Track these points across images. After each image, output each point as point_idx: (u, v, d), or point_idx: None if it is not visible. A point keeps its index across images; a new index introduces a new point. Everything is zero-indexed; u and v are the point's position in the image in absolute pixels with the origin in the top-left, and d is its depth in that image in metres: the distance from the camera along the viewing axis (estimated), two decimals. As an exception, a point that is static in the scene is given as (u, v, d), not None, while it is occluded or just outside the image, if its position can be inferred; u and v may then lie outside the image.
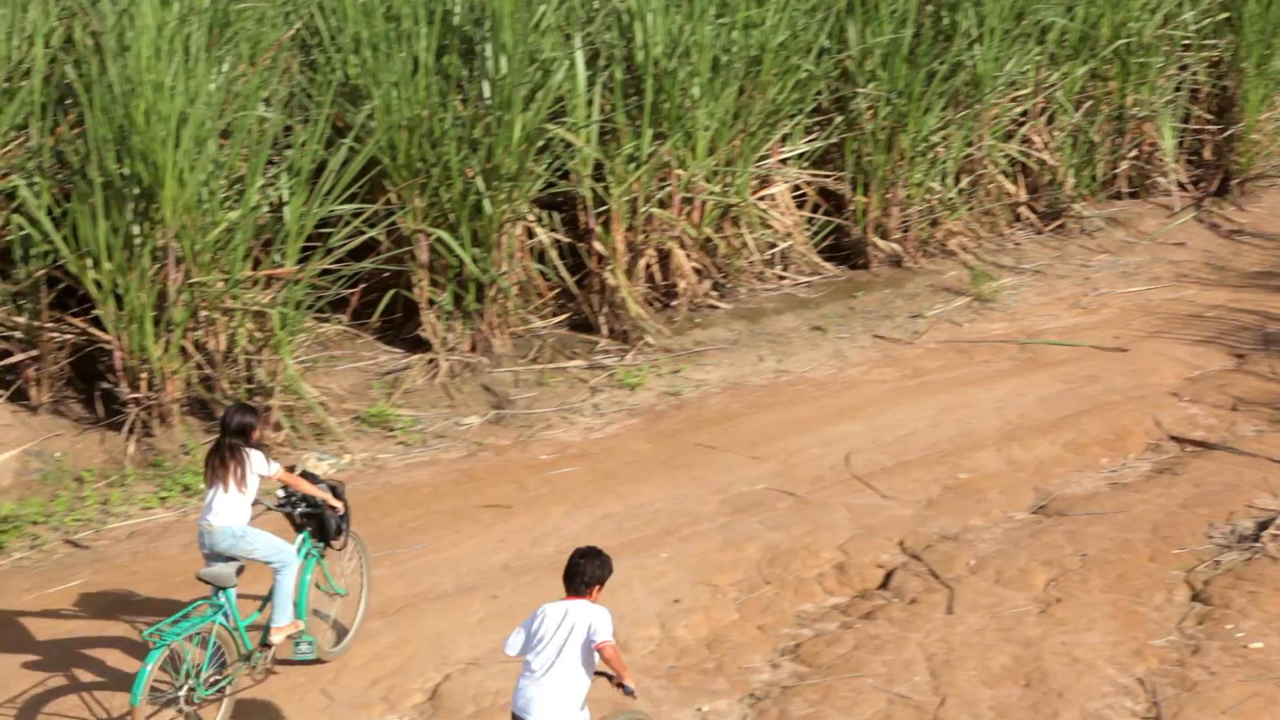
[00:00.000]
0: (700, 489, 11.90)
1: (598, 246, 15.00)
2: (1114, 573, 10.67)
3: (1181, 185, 20.01)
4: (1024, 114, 18.66)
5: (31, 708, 8.94)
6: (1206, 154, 20.57)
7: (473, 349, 14.27)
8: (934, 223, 17.57)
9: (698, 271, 15.82)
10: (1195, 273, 17.97)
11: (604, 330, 14.99)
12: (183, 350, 12.51)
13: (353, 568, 9.91)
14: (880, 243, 17.13)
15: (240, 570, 8.91)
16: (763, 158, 16.39)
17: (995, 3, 17.27)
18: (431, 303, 14.21)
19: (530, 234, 14.95)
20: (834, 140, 16.92)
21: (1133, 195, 19.89)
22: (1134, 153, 19.77)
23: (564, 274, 15.04)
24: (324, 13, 14.30)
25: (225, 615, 8.86)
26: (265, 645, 9.11)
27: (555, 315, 15.13)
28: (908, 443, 13.06)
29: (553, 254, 14.96)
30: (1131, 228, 19.09)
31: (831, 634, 9.99)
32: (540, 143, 14.41)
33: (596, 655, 7.39)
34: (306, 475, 9.45)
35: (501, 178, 13.93)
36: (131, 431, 12.24)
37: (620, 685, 7.50)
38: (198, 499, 11.52)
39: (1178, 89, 20.03)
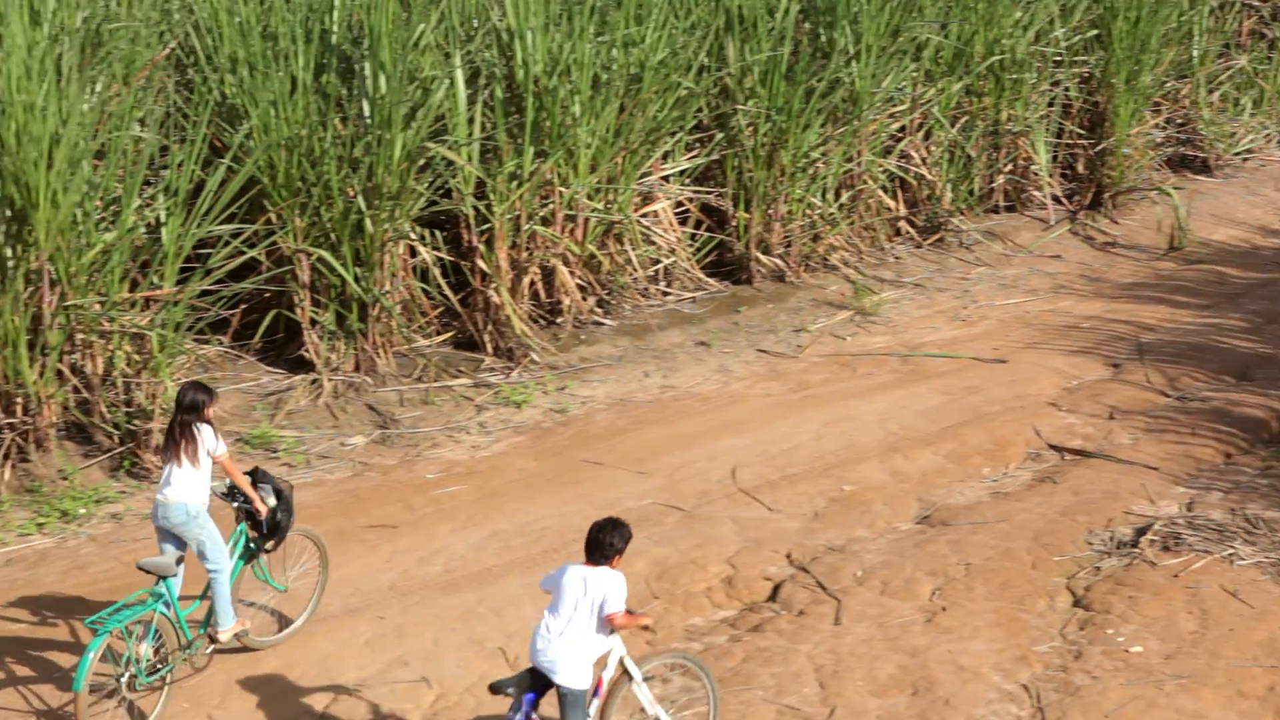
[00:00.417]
0: (587, 505, 11.88)
1: (481, 264, 14.96)
2: (997, 581, 10.81)
3: (1056, 199, 20.35)
4: (902, 129, 18.89)
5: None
6: (1080, 168, 20.95)
7: (357, 369, 14.15)
8: (816, 237, 17.73)
9: (582, 288, 15.82)
10: (1071, 284, 18.27)
11: (489, 348, 14.93)
12: (59, 374, 12.27)
13: (308, 565, 10.19)
14: (763, 258, 17.25)
15: (180, 560, 9.16)
16: (645, 175, 16.44)
17: (871, 20, 17.47)
18: (314, 323, 14.08)
19: (413, 252, 14.86)
20: (715, 157, 17.02)
21: (1009, 209, 20.21)
22: (1010, 167, 20.09)
23: (448, 292, 14.97)
24: (199, 32, 14.12)
25: (166, 604, 9.10)
26: (213, 641, 9.41)
27: (440, 334, 15.05)
28: (793, 456, 13.14)
29: (436, 272, 14.88)
30: (1009, 241, 19.39)
31: (720, 647, 10.02)
32: (421, 161, 14.35)
33: (599, 612, 8.06)
34: (260, 472, 9.69)
35: (383, 196, 13.84)
36: (6, 457, 11.96)
37: (644, 628, 8.72)
38: (76, 524, 11.32)
39: (1051, 104, 20.40)
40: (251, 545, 9.71)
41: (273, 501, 9.60)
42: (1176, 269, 19.04)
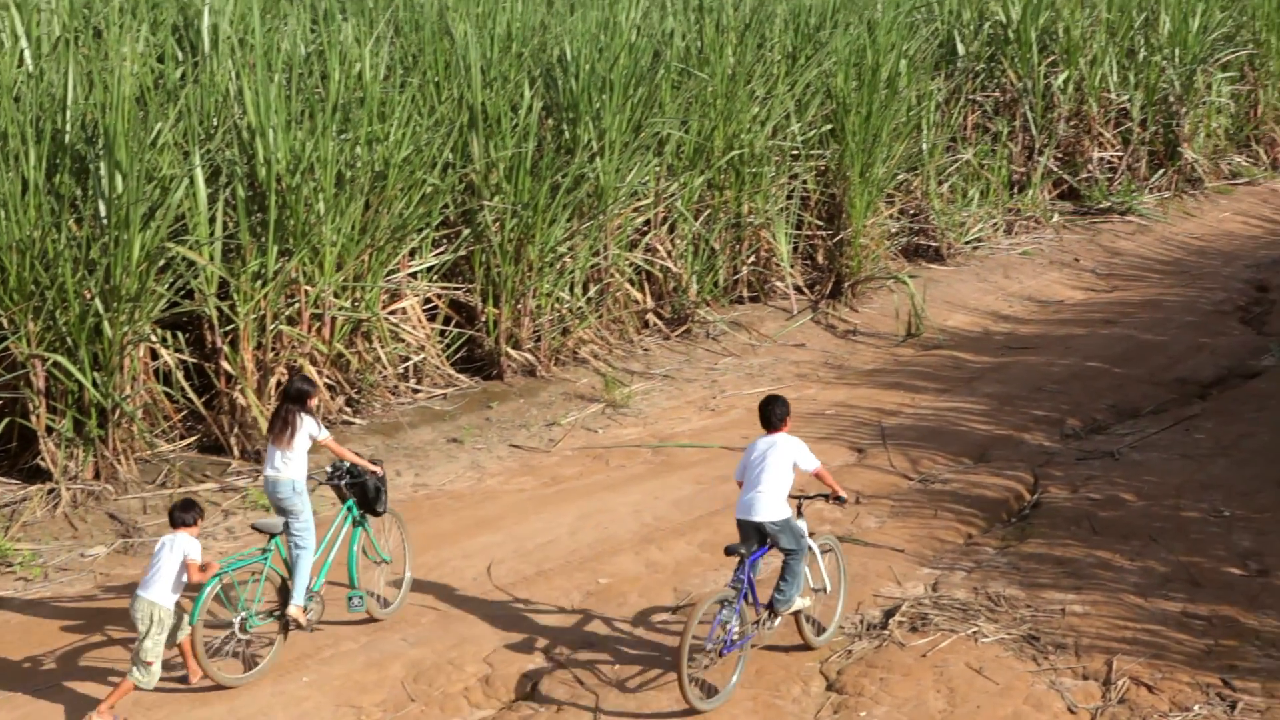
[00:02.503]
0: (341, 607, 11.65)
1: (226, 366, 14.66)
2: (753, 668, 10.89)
3: (798, 289, 20.86)
4: (647, 223, 19.19)
5: None
6: (820, 258, 21.52)
7: (97, 476, 13.69)
8: (565, 331, 17.84)
9: (331, 388, 15.62)
10: (815, 372, 18.69)
11: (236, 451, 14.60)
12: None
13: (395, 540, 11.94)
14: (513, 353, 17.28)
15: (286, 526, 10.79)
16: (392, 271, 16.37)
17: (614, 117, 17.75)
18: (50, 430, 13.59)
19: (155, 355, 14.50)
20: (463, 253, 17.05)
21: (754, 299, 20.63)
22: (752, 258, 20.53)
23: (192, 395, 14.63)
24: (-76, 132, 13.65)
25: (275, 556, 10.80)
26: (281, 618, 10.77)
27: (184, 438, 14.68)
28: (548, 551, 13.10)
29: (179, 375, 14.53)
30: (754, 330, 19.77)
31: (480, 749, 9.89)
32: (161, 262, 14.03)
33: (792, 475, 10.68)
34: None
35: (122, 298, 13.48)
36: None
37: (836, 499, 11.19)
38: None
39: (790, 197, 20.95)
40: (358, 516, 11.42)
41: (380, 471, 11.38)
42: (915, 355, 19.62)
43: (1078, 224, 26.07)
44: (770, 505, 10.55)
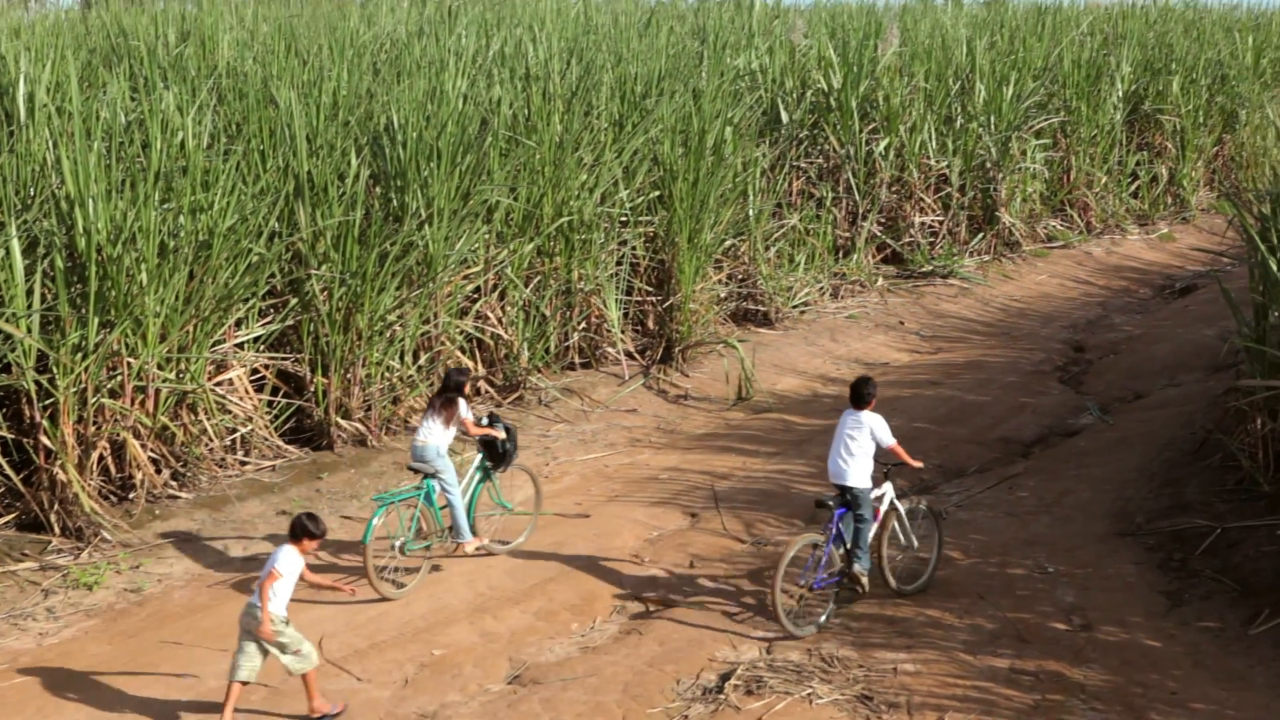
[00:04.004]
0: (166, 688, 11.37)
1: (45, 441, 14.26)
2: (590, 736, 10.85)
3: (629, 354, 20.94)
4: (477, 290, 19.15)
5: None
6: (650, 323, 21.64)
7: (-92, 558, 13.24)
8: (396, 400, 17.69)
9: (155, 462, 15.29)
10: (648, 437, 18.75)
11: (56, 528, 14.20)
12: None
13: (527, 495, 15.23)
14: (343, 423, 17.08)
15: (435, 473, 13.72)
16: (218, 342, 16.11)
17: (442, 184, 17.71)
18: None
19: (-31, 432, 14.08)
20: (291, 322, 16.84)
21: (585, 365, 20.66)
22: (583, 325, 20.58)
23: (9, 471, 14.21)
24: None
25: (426, 498, 13.77)
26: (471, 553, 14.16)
27: (1, 515, 14.23)
28: (380, 623, 12.93)
29: (-5, 451, 14.13)
30: (586, 396, 19.79)
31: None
32: (-24, 335, 13.66)
33: (873, 446, 12.94)
34: (494, 415, 14.41)
35: (-66, 374, 13.08)
36: None
37: (912, 466, 13.43)
38: None
39: (619, 263, 21.05)
40: (488, 468, 14.36)
41: (503, 435, 14.18)
42: (745, 418, 19.78)
43: (901, 287, 26.60)
44: (859, 473, 12.92)
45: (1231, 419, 16.23)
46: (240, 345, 16.49)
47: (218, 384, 16.15)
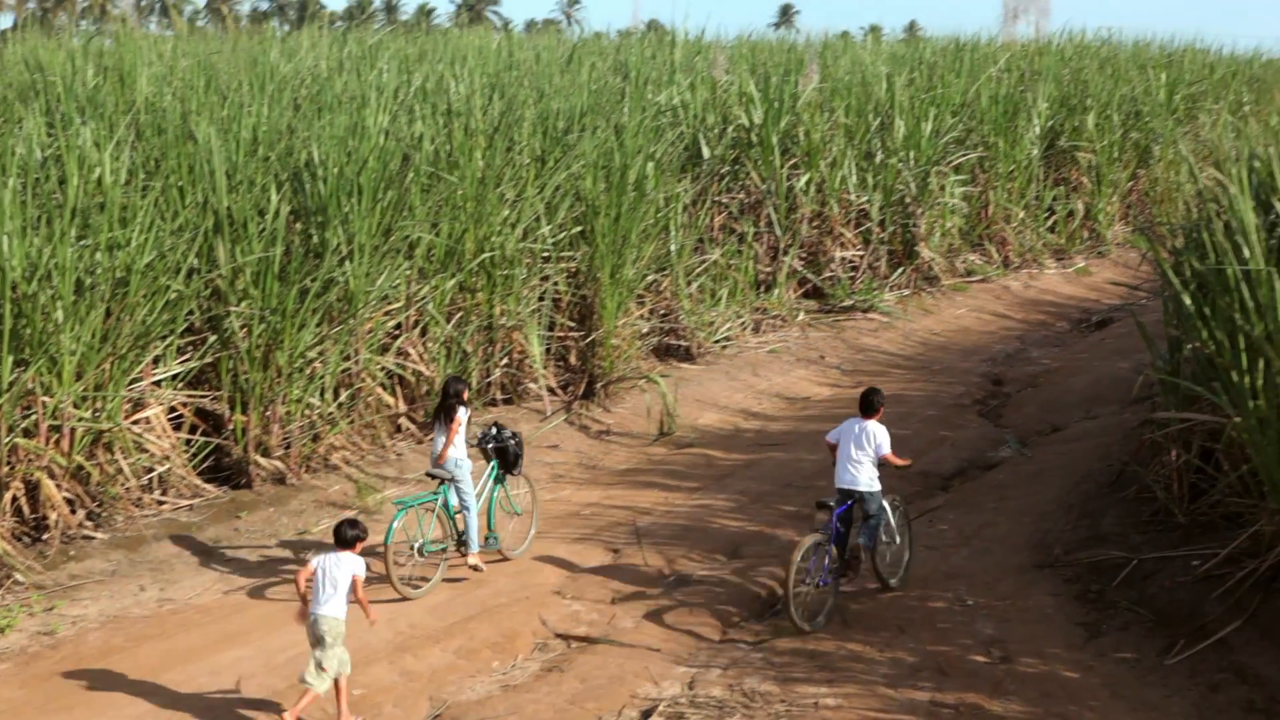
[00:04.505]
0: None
1: (-43, 482, 14.08)
2: (511, 775, 10.80)
3: (551, 390, 20.92)
4: (398, 327, 19.08)
5: None
6: (573, 359, 21.64)
7: None
8: (316, 438, 17.57)
9: (70, 502, 15.10)
10: (570, 473, 18.73)
11: (-32, 571, 14.00)
12: None
13: (526, 498, 15.65)
14: (262, 460, 16.94)
15: (451, 479, 14.38)
16: (135, 380, 15.95)
17: (363, 220, 17.66)
18: None
19: (-121, 472, 13.85)
20: (209, 360, 16.71)
21: (507, 401, 20.61)
22: (505, 360, 20.54)
23: (-80, 513, 14.00)
24: None
25: (443, 504, 14.44)
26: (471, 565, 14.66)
27: (-89, 558, 14.02)
28: (298, 663, 12.71)
29: (-94, 492, 13.91)
30: (508, 433, 19.71)
31: None
32: (-113, 374, 13.46)
33: (876, 452, 13.91)
34: (498, 426, 15.18)
35: None
36: None
37: (902, 465, 14.43)
38: None
39: (541, 299, 21.04)
40: (501, 474, 15.04)
41: (512, 440, 15.03)
42: (667, 453, 19.81)
43: (823, 322, 26.77)
44: (867, 478, 13.93)
45: (1147, 451, 16.42)
46: (158, 383, 16.33)
47: (135, 422, 15.99)
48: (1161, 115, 36.39)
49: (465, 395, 14.67)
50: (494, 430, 15.11)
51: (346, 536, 11.61)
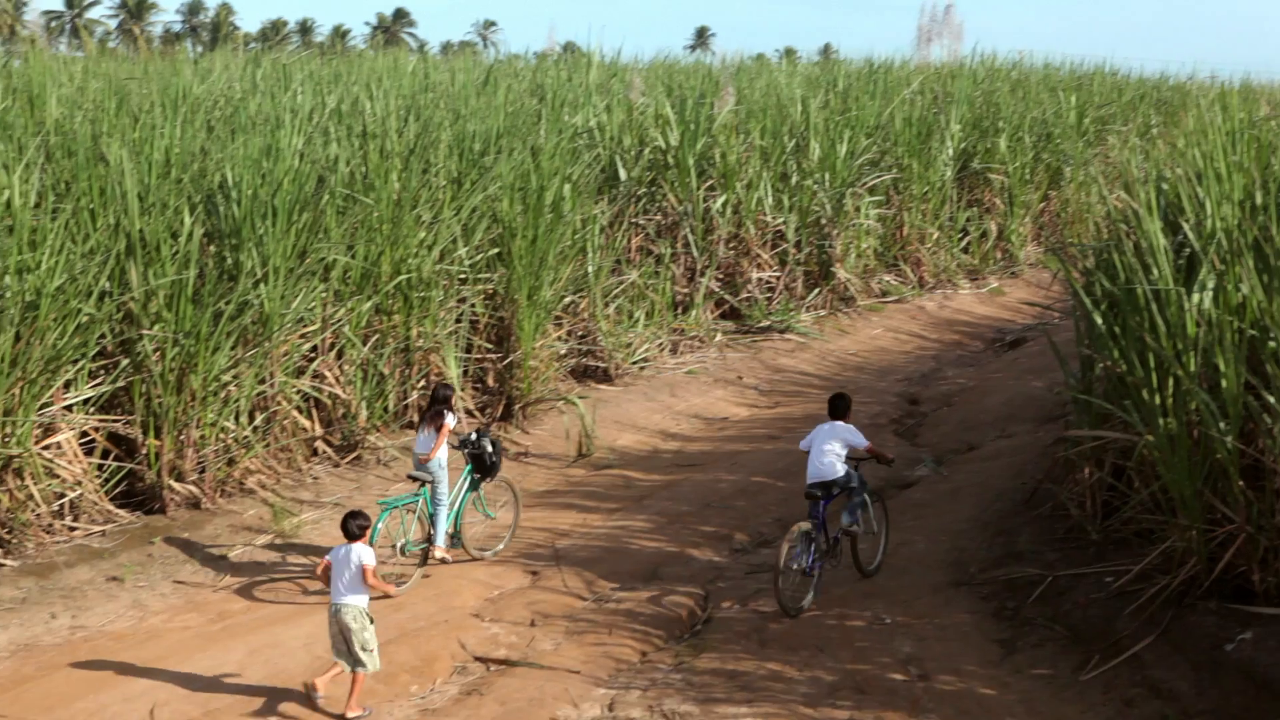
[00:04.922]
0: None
1: None
2: (430, 800, 10.73)
3: (469, 412, 20.84)
4: (314, 349, 18.95)
5: None
6: (491, 381, 21.58)
7: None
8: (231, 462, 17.40)
9: (-21, 528, 14.86)
10: (489, 494, 18.59)
11: (-127, 600, 13.74)
12: None
13: (505, 501, 16.55)
14: (176, 485, 16.75)
15: (427, 483, 15.26)
16: (46, 405, 15.73)
17: (278, 242, 17.53)
18: None
19: None
20: (121, 384, 16.51)
21: (424, 424, 20.48)
22: (423, 383, 20.43)
23: None
24: None
25: (422, 502, 15.27)
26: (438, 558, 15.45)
27: None
28: (216, 690, 12.67)
29: None
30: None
31: None
32: None
33: (857, 446, 15.02)
34: (481, 430, 16.11)
35: None
36: None
37: (886, 460, 15.62)
38: None
39: (459, 321, 20.98)
40: (475, 479, 15.81)
41: (490, 448, 15.71)
42: (586, 475, 19.78)
43: (740, 342, 26.86)
44: (836, 466, 14.89)
45: (1061, 469, 16.60)
46: (69, 407, 16.12)
47: (45, 447, 15.76)
48: (1072, 137, 36.87)
49: (453, 401, 15.67)
50: (474, 437, 15.80)
51: (352, 530, 12.51)
